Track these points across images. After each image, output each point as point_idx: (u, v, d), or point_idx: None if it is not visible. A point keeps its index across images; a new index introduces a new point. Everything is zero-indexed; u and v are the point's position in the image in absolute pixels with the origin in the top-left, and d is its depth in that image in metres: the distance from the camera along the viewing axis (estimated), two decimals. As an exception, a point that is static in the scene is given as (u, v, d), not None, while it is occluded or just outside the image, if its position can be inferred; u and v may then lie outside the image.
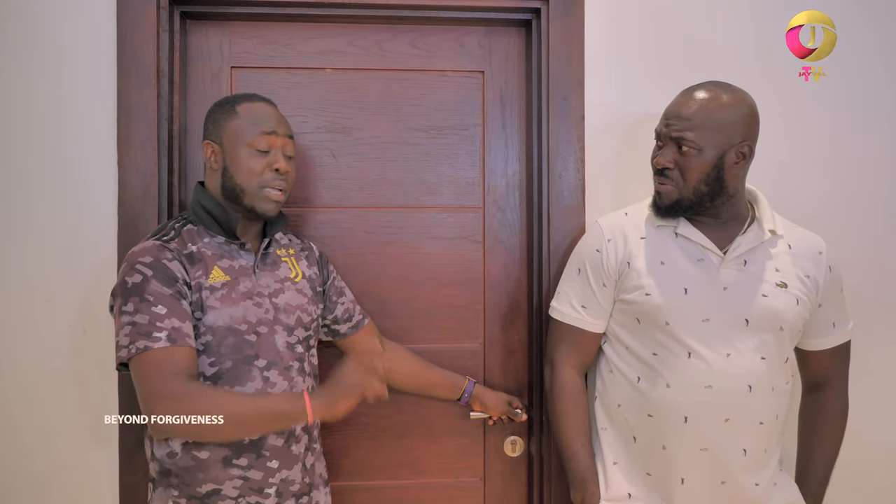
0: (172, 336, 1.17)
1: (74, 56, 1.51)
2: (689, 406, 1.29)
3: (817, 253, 1.37)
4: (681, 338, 1.30)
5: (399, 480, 1.67)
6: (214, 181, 1.34)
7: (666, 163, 1.30)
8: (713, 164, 1.27)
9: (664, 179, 1.33)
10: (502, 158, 1.70)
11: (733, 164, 1.29)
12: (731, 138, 1.27)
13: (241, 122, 1.31)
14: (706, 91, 1.29)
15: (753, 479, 1.32)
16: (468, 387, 1.60)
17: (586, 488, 1.38)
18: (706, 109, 1.27)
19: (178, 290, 1.21)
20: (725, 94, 1.28)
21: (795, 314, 1.31)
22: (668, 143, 1.31)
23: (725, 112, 1.27)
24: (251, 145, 1.30)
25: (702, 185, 1.29)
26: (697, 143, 1.27)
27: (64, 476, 1.52)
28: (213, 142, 1.32)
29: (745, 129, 1.29)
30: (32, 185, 1.50)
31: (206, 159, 1.33)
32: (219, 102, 1.36)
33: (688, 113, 1.28)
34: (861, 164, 1.66)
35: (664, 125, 1.32)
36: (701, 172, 1.28)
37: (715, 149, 1.27)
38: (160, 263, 1.21)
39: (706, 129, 1.26)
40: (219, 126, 1.32)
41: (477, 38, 1.68)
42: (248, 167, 1.30)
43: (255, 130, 1.30)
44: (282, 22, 1.63)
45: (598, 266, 1.40)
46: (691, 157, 1.28)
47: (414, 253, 1.67)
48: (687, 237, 1.34)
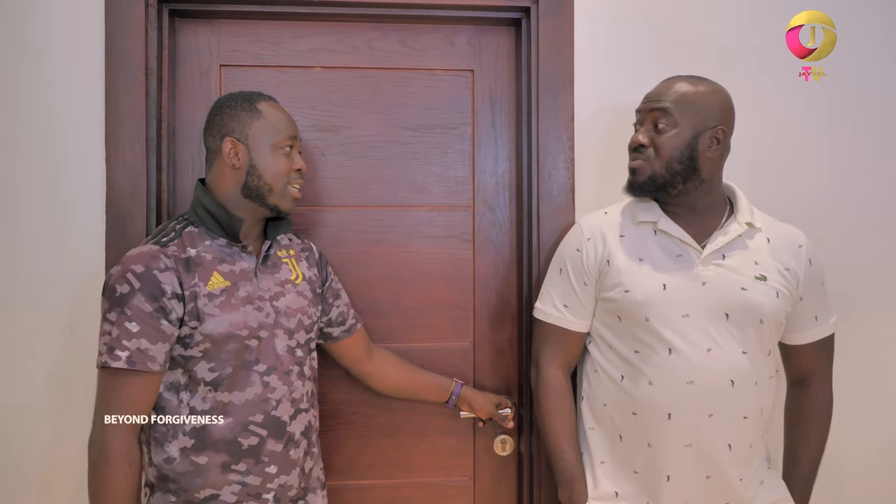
0: (133, 358, 1.17)
1: (62, 53, 1.50)
2: (672, 402, 1.30)
3: (797, 246, 1.38)
4: (661, 334, 1.30)
5: (389, 480, 1.67)
6: (232, 179, 1.30)
7: (642, 140, 1.34)
8: (687, 142, 1.31)
9: (637, 155, 1.36)
10: (492, 157, 1.70)
11: (707, 148, 1.31)
12: (707, 121, 1.31)
13: (267, 122, 1.30)
14: (685, 79, 1.35)
15: (739, 473, 1.32)
16: (455, 389, 1.60)
17: (573, 487, 1.38)
18: (684, 92, 1.32)
19: (162, 307, 1.20)
20: (703, 84, 1.34)
21: (775, 307, 1.32)
22: (646, 121, 1.35)
23: (702, 97, 1.32)
24: (279, 146, 1.31)
25: (675, 162, 1.31)
26: (674, 118, 1.31)
27: (55, 476, 1.51)
28: (238, 139, 1.29)
29: (721, 114, 1.33)
30: (19, 183, 1.50)
31: (227, 155, 1.29)
32: (231, 98, 1.33)
33: (667, 93, 1.33)
34: (861, 164, 1.66)
35: (643, 103, 1.37)
36: (675, 149, 1.31)
37: (690, 128, 1.31)
38: (150, 275, 1.20)
39: (683, 107, 1.31)
40: (243, 124, 1.30)
41: (467, 36, 1.68)
42: (277, 167, 1.30)
43: (284, 133, 1.31)
44: (271, 20, 1.62)
45: (579, 265, 1.41)
46: (666, 134, 1.31)
47: (404, 252, 1.67)
48: (666, 232, 1.35)
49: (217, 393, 1.25)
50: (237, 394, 1.26)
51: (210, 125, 1.33)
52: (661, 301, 1.31)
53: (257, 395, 1.27)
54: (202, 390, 1.25)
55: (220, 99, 1.35)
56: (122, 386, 1.18)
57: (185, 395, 1.25)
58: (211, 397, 1.25)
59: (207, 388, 1.25)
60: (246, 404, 1.26)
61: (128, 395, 1.18)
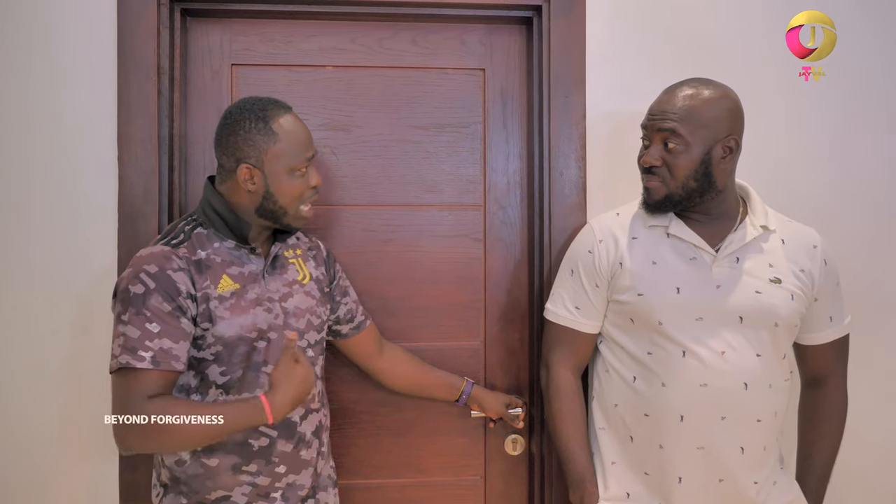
0: (158, 358, 1.16)
1: (75, 53, 1.51)
2: (685, 405, 1.29)
3: (812, 247, 1.36)
4: (675, 337, 1.29)
5: (400, 479, 1.67)
6: (247, 200, 1.28)
7: (653, 161, 1.31)
8: (700, 159, 1.28)
9: (651, 177, 1.33)
10: (503, 156, 1.69)
11: (720, 159, 1.29)
12: (717, 133, 1.28)
13: (283, 147, 1.25)
14: (689, 87, 1.30)
15: (752, 477, 1.32)
16: (466, 388, 1.59)
17: (584, 488, 1.37)
18: (690, 107, 1.27)
19: (179, 306, 1.19)
20: (707, 90, 1.29)
21: (790, 309, 1.31)
22: (654, 139, 1.32)
23: (709, 107, 1.28)
24: (295, 168, 1.27)
25: (690, 180, 1.29)
26: (684, 139, 1.27)
27: (63, 475, 1.52)
28: (254, 166, 1.25)
29: (731, 123, 1.29)
30: (32, 183, 1.50)
31: (242, 181, 1.25)
32: (244, 115, 1.26)
33: (672, 109, 1.28)
34: (861, 164, 1.65)
35: (648, 118, 1.33)
36: (689, 169, 1.28)
37: (702, 145, 1.27)
38: (164, 275, 1.19)
39: (691, 125, 1.27)
40: (259, 149, 1.24)
41: (478, 35, 1.68)
42: (292, 191, 1.28)
43: (301, 157, 1.27)
44: (282, 19, 1.62)
45: (591, 267, 1.40)
46: (678, 155, 1.28)
47: (414, 251, 1.67)
48: (679, 237, 1.34)
49: (227, 396, 1.25)
50: (246, 395, 1.25)
51: (224, 143, 1.27)
52: (674, 305, 1.30)
53: None
54: (213, 393, 1.25)
55: (233, 113, 1.28)
56: (147, 386, 1.16)
57: (195, 397, 1.25)
58: (222, 401, 1.25)
59: (218, 392, 1.25)
60: None
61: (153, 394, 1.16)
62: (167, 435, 1.15)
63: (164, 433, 1.14)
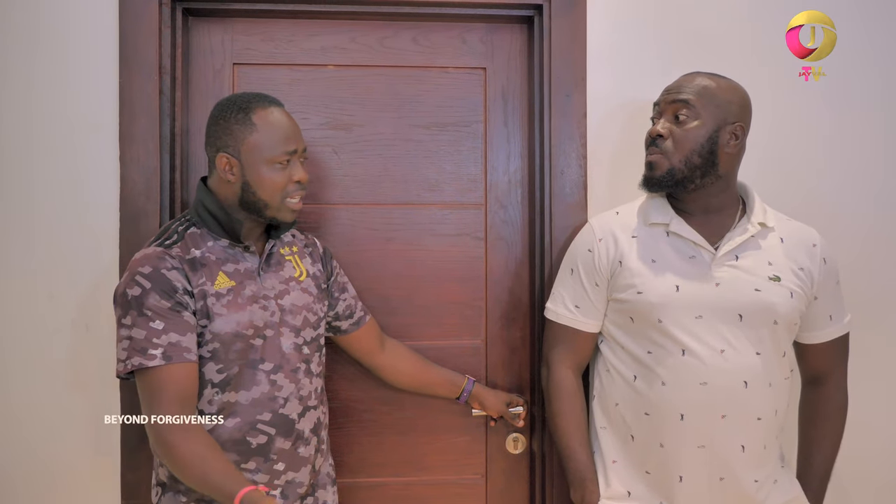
0: (168, 353, 1.17)
1: (77, 52, 1.51)
2: (685, 403, 1.29)
3: (811, 245, 1.37)
4: (674, 335, 1.30)
5: (401, 477, 1.67)
6: (230, 191, 1.29)
7: (661, 129, 1.32)
8: (708, 136, 1.30)
9: (654, 149, 1.34)
10: (504, 155, 1.69)
11: (727, 143, 1.31)
12: (728, 115, 1.30)
13: (261, 137, 1.26)
14: (707, 75, 1.34)
15: (753, 475, 1.32)
16: (467, 386, 1.59)
17: (585, 487, 1.37)
18: (707, 86, 1.32)
19: (178, 301, 1.20)
20: (723, 80, 1.34)
21: (790, 307, 1.31)
22: (665, 112, 1.34)
23: (724, 92, 1.32)
24: (274, 161, 1.27)
25: (695, 156, 1.30)
26: (696, 110, 1.30)
27: (65, 473, 1.52)
28: (231, 155, 1.26)
29: (741, 111, 1.32)
30: (35, 181, 1.51)
31: (221, 170, 1.27)
32: (228, 107, 1.28)
33: (689, 85, 1.32)
34: (860, 164, 1.65)
35: (663, 95, 1.36)
36: (696, 143, 1.30)
37: (712, 121, 1.30)
38: (159, 274, 1.20)
39: (705, 100, 1.30)
40: (236, 139, 1.26)
41: (479, 34, 1.68)
42: (271, 183, 1.27)
43: (278, 149, 1.26)
44: (284, 18, 1.63)
45: (591, 266, 1.40)
46: (688, 125, 1.30)
47: (416, 250, 1.67)
48: (679, 234, 1.34)
49: (224, 394, 1.25)
50: (244, 393, 1.26)
51: (208, 133, 1.30)
52: (674, 303, 1.30)
53: (264, 394, 1.27)
54: (208, 392, 1.25)
55: (219, 105, 1.31)
56: (166, 382, 1.17)
57: None
58: (218, 399, 1.25)
59: (214, 391, 1.25)
60: (253, 403, 1.27)
61: (175, 390, 1.17)
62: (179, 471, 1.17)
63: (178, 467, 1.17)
